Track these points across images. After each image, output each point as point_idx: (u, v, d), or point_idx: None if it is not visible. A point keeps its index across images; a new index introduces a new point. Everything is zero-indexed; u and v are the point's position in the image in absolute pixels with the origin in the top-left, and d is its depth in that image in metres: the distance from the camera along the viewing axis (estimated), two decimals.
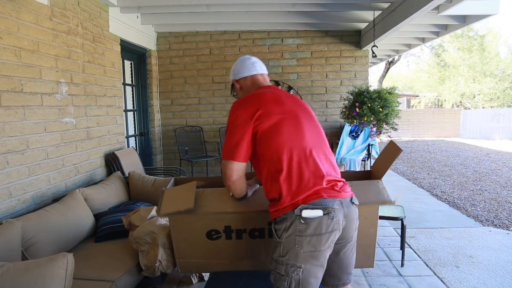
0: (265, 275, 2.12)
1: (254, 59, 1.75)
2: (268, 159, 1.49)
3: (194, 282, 2.67)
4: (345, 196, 1.49)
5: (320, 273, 1.48)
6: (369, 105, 4.52)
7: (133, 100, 4.99)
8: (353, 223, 1.53)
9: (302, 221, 1.41)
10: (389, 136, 4.77)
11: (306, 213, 1.40)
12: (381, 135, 4.90)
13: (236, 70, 1.73)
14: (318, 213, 1.40)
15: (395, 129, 4.76)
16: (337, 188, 1.48)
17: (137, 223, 2.38)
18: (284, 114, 1.50)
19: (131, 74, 4.96)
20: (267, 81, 1.73)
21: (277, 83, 5.42)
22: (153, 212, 2.51)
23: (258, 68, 1.72)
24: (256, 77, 1.70)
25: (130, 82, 4.90)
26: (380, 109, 4.52)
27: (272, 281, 1.51)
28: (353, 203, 1.53)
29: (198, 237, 1.91)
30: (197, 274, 2.70)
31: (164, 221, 2.45)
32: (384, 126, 4.72)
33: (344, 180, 1.57)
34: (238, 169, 1.52)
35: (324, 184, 1.45)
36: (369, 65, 6.22)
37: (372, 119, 4.60)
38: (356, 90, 4.81)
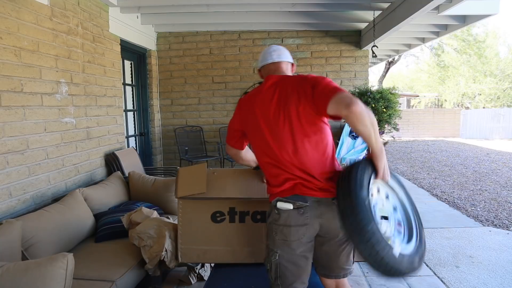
0: (265, 275, 2.12)
1: (276, 47, 1.75)
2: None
3: (192, 282, 2.67)
4: (324, 196, 1.53)
5: (299, 261, 1.57)
6: (373, 105, 4.51)
7: (133, 100, 4.99)
8: (334, 222, 1.53)
9: (276, 211, 1.57)
10: (392, 137, 4.78)
11: (279, 205, 1.55)
12: (383, 135, 4.90)
13: (259, 59, 1.79)
14: (288, 206, 1.53)
15: (397, 130, 4.76)
16: (314, 188, 1.53)
17: (139, 220, 2.40)
18: (259, 122, 1.61)
19: (131, 74, 4.96)
20: (279, 70, 1.70)
21: None
22: (155, 214, 2.53)
23: (274, 56, 1.71)
24: (269, 66, 1.71)
25: (130, 82, 4.90)
26: (384, 110, 4.51)
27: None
28: (334, 203, 1.53)
29: (203, 219, 2.02)
30: (196, 274, 2.70)
31: (167, 219, 2.48)
32: (386, 126, 4.72)
33: (328, 177, 1.55)
34: (229, 148, 1.83)
35: (299, 183, 1.55)
36: (369, 65, 6.22)
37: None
38: (357, 90, 4.80)
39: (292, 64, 1.75)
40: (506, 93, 18.45)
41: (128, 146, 4.57)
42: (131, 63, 4.92)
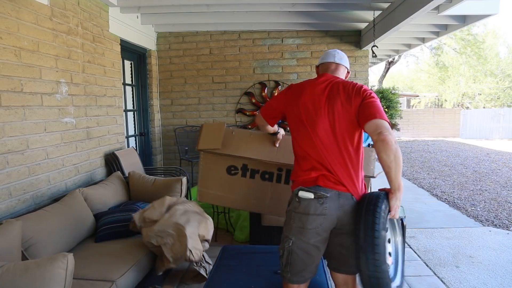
0: (265, 275, 2.12)
1: (339, 51, 1.91)
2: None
3: (206, 275, 2.60)
4: (344, 190, 1.63)
5: (311, 251, 1.63)
6: None
7: (133, 100, 4.99)
8: (351, 216, 1.64)
9: (297, 199, 1.65)
10: None
11: (300, 194, 1.64)
12: None
13: (321, 57, 1.94)
14: (309, 195, 1.61)
15: (398, 129, 4.76)
16: (337, 182, 1.63)
17: (155, 217, 2.39)
18: (299, 111, 1.73)
19: (131, 74, 4.96)
20: (337, 71, 1.85)
21: (277, 83, 5.43)
22: (167, 201, 2.50)
23: (336, 58, 1.86)
24: (329, 65, 1.87)
25: (130, 82, 4.90)
26: (386, 110, 4.52)
27: None
28: (353, 199, 1.65)
29: (220, 170, 2.35)
30: (205, 269, 2.66)
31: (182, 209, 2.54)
32: None
33: (352, 178, 1.65)
34: (258, 117, 2.03)
35: (324, 174, 1.64)
36: (369, 65, 6.22)
37: None
38: None
39: (348, 72, 1.90)
40: (506, 93, 18.45)
41: (128, 146, 4.57)
42: (131, 63, 4.92)
